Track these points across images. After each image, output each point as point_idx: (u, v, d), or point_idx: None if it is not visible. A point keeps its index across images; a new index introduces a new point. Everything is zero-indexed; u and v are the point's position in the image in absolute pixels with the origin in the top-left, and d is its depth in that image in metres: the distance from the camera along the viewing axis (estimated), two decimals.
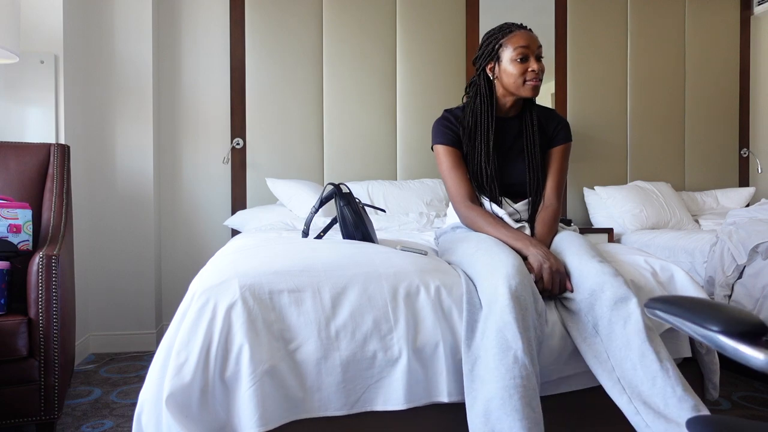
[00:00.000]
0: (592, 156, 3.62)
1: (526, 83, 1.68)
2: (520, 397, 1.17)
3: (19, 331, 1.67)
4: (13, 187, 2.09)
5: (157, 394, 1.16)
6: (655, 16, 3.73)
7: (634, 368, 1.25)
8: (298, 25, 3.23)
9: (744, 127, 3.91)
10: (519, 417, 1.15)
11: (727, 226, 2.53)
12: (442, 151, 1.75)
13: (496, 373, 1.19)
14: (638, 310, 1.29)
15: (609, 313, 1.30)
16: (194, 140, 3.17)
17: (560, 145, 1.78)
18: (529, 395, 1.18)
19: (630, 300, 1.30)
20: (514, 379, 1.18)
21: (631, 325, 1.28)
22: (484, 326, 1.27)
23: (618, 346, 1.28)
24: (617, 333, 1.28)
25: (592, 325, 1.33)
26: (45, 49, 2.53)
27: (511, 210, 1.71)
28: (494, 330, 1.24)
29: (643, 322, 1.27)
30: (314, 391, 1.24)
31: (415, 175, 3.32)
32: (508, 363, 1.20)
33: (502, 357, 1.21)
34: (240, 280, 1.27)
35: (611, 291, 1.32)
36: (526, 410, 1.16)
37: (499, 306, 1.26)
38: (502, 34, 1.70)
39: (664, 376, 1.22)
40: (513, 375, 1.19)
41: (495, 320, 1.25)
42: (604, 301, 1.32)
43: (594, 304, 1.33)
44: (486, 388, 1.20)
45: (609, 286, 1.32)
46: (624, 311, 1.29)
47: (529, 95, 1.70)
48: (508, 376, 1.18)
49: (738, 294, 2.30)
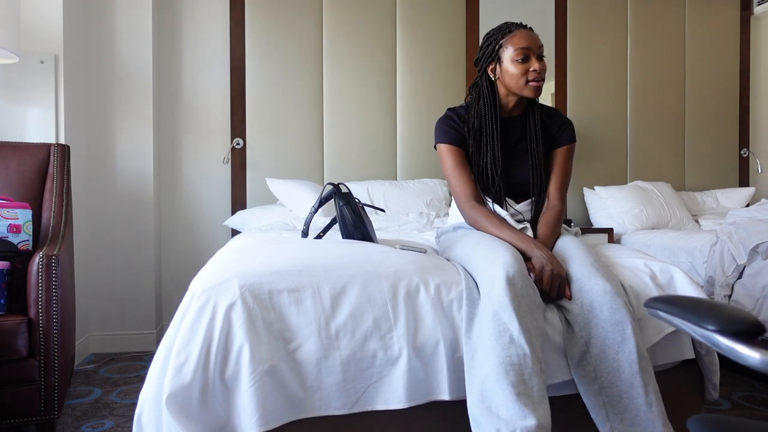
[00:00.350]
0: (592, 156, 3.62)
1: (529, 83, 1.66)
2: (516, 374, 1.16)
3: (19, 331, 1.67)
4: (13, 187, 2.09)
5: (157, 394, 1.16)
6: (655, 16, 3.73)
7: (620, 396, 1.26)
8: (298, 25, 3.23)
9: (744, 127, 3.91)
10: (515, 393, 1.14)
11: (727, 226, 2.53)
12: (446, 150, 1.74)
13: (492, 353, 1.20)
14: (633, 339, 1.28)
15: (603, 334, 1.30)
16: (194, 140, 3.17)
17: (564, 146, 1.77)
18: (526, 375, 1.17)
19: (626, 326, 1.29)
20: (510, 358, 1.18)
21: (624, 353, 1.27)
22: (482, 314, 1.27)
23: (607, 369, 1.28)
24: (609, 357, 1.28)
25: (585, 341, 1.32)
26: (45, 49, 2.53)
27: (513, 211, 1.71)
28: (490, 313, 1.24)
29: (636, 352, 1.27)
30: (314, 391, 1.24)
31: (415, 175, 3.32)
32: (504, 342, 1.20)
33: (498, 337, 1.21)
34: (240, 280, 1.27)
35: (609, 313, 1.30)
36: (521, 387, 1.15)
37: (495, 291, 1.26)
38: (502, 35, 1.69)
39: (647, 410, 1.24)
40: (509, 353, 1.19)
41: (491, 304, 1.25)
42: (601, 321, 1.31)
43: (590, 321, 1.32)
44: (482, 370, 1.20)
45: (608, 307, 1.31)
46: (619, 336, 1.29)
47: (531, 95, 1.68)
48: (503, 354, 1.19)
49: (738, 294, 2.30)
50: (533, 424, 1.11)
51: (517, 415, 1.12)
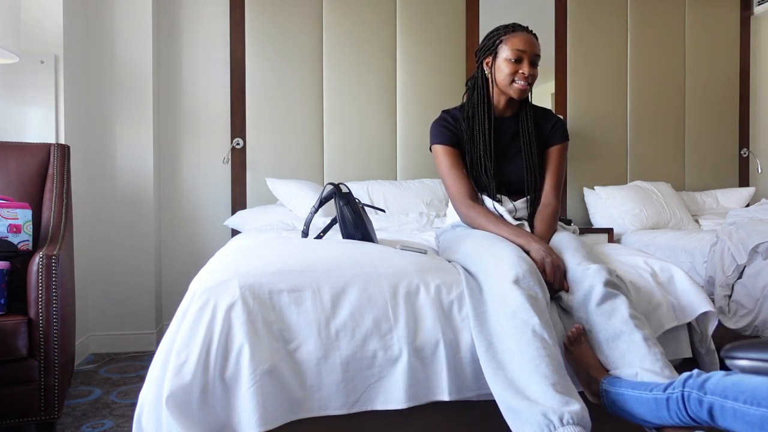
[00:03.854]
0: (592, 156, 3.62)
1: (514, 83, 1.70)
2: (547, 365, 1.17)
3: (19, 331, 1.67)
4: (13, 187, 2.09)
5: (157, 394, 1.16)
6: (655, 16, 3.73)
7: (623, 356, 1.27)
8: (298, 25, 3.23)
9: (744, 127, 3.91)
10: (549, 383, 1.14)
11: (727, 226, 2.53)
12: (441, 150, 1.77)
13: (518, 350, 1.20)
14: (625, 304, 1.32)
15: (596, 309, 1.33)
16: (194, 140, 3.17)
17: (557, 145, 1.81)
18: (555, 365, 1.18)
19: (617, 297, 1.33)
20: (538, 350, 1.19)
21: (617, 317, 1.31)
22: (497, 315, 1.28)
23: (606, 338, 1.31)
24: (603, 325, 1.32)
25: (584, 321, 1.36)
26: (45, 49, 2.52)
27: (511, 207, 1.72)
28: (508, 315, 1.25)
29: (629, 314, 1.30)
30: (314, 391, 1.24)
31: (415, 175, 3.32)
32: (527, 338, 1.21)
33: (521, 335, 1.22)
34: (240, 280, 1.27)
35: (599, 288, 1.34)
36: (555, 377, 1.16)
37: (510, 294, 1.28)
38: (505, 32, 1.73)
39: (646, 348, 1.26)
40: (536, 347, 1.19)
41: (507, 306, 1.26)
42: (593, 298, 1.34)
43: (587, 303, 1.36)
44: (511, 365, 1.20)
45: (598, 284, 1.35)
46: (609, 306, 1.32)
47: (515, 96, 1.72)
48: (530, 348, 1.19)
49: (738, 294, 2.30)
50: (578, 407, 1.11)
51: (560, 402, 1.11)
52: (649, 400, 1.12)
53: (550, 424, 1.07)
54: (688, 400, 1.04)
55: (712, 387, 1.00)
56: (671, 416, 1.07)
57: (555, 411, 1.09)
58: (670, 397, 1.07)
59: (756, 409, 0.91)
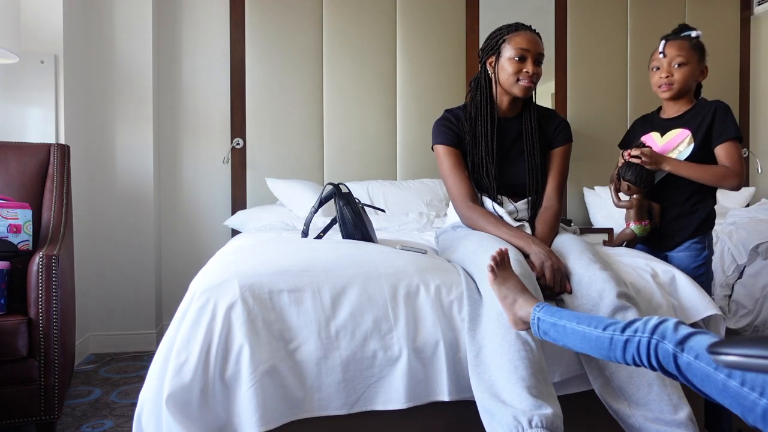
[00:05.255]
0: (592, 156, 3.61)
1: (519, 82, 1.68)
2: (526, 367, 1.17)
3: (19, 331, 1.67)
4: (13, 187, 2.09)
5: (157, 394, 1.17)
6: (655, 16, 3.73)
7: (630, 377, 1.26)
8: (298, 25, 3.23)
9: (744, 127, 3.90)
10: (525, 386, 1.15)
11: (727, 226, 2.53)
12: (443, 151, 1.76)
13: (500, 350, 1.21)
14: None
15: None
16: (194, 140, 3.17)
17: (561, 146, 1.79)
18: (535, 368, 1.18)
19: (629, 310, 1.31)
20: (519, 352, 1.19)
21: None
22: (487, 317, 1.28)
23: None
24: None
25: None
26: (45, 49, 2.52)
27: (512, 208, 1.71)
28: (495, 315, 1.26)
29: None
30: (314, 391, 1.24)
31: (415, 175, 3.32)
32: (510, 339, 1.21)
33: (504, 335, 1.22)
34: (240, 280, 1.27)
35: (610, 299, 1.32)
36: (532, 380, 1.16)
37: None
38: (508, 31, 1.71)
39: (660, 385, 1.24)
40: (517, 348, 1.20)
41: (495, 305, 1.26)
42: (603, 307, 1.32)
43: (595, 311, 1.33)
44: (491, 368, 1.21)
45: (608, 294, 1.33)
46: (620, 318, 1.29)
47: (519, 94, 1.70)
48: (512, 350, 1.20)
49: (738, 294, 2.30)
50: (550, 412, 1.12)
51: (532, 405, 1.12)
52: (599, 338, 1.03)
53: (518, 425, 1.09)
54: (656, 349, 0.95)
55: (696, 348, 0.91)
56: (624, 357, 1.00)
57: (525, 413, 1.10)
58: (630, 339, 0.98)
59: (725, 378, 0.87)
